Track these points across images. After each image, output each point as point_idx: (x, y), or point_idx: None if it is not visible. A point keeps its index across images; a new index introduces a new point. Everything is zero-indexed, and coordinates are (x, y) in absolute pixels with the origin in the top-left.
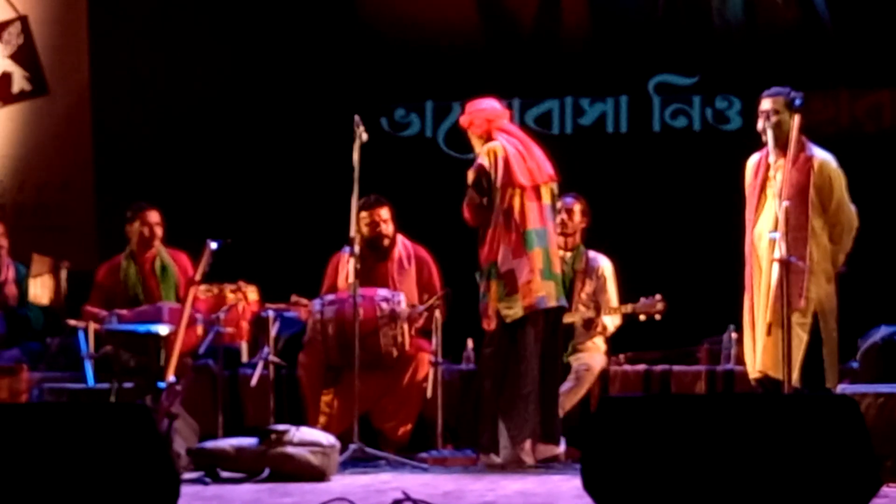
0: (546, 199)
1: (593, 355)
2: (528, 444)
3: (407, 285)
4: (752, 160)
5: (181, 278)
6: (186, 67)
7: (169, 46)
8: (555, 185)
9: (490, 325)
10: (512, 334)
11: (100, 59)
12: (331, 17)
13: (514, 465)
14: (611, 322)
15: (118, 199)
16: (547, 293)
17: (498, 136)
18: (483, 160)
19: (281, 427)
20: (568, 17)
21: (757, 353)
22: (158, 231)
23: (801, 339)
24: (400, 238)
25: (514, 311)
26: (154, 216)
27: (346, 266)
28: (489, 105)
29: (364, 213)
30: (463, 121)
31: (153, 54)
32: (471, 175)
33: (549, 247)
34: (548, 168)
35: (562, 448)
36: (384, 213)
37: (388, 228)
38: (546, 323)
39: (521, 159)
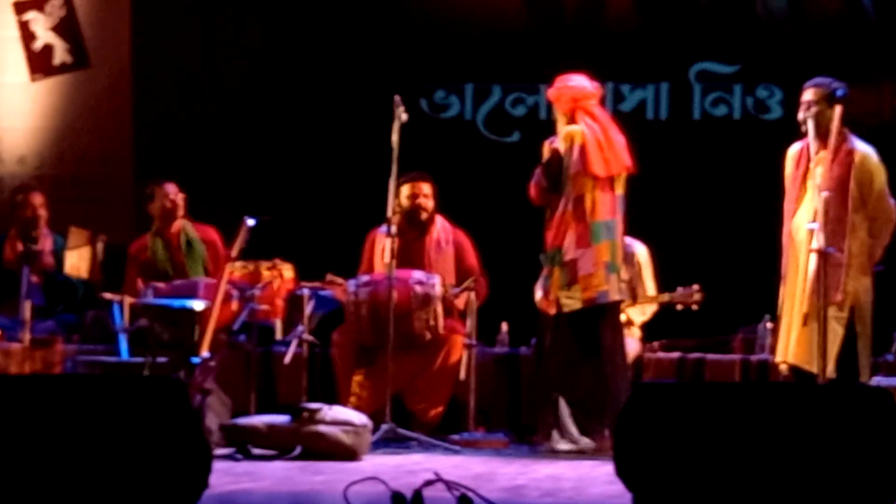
0: (619, 189)
1: (628, 342)
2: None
3: (442, 266)
4: (794, 150)
5: (208, 252)
6: (227, 43)
7: (210, 22)
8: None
9: (550, 309)
10: (569, 324)
11: (141, 33)
12: None
13: (583, 451)
14: (638, 315)
15: (156, 174)
16: (610, 287)
17: (581, 119)
18: (559, 144)
19: (313, 405)
20: (611, 2)
21: (790, 344)
22: (179, 201)
23: (836, 333)
24: (440, 219)
25: (573, 302)
26: (171, 188)
27: (383, 244)
28: (578, 83)
29: (406, 186)
30: (551, 94)
31: (194, 30)
32: (546, 154)
33: (616, 239)
34: (625, 157)
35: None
36: (426, 188)
37: (427, 203)
38: (611, 315)
39: (599, 148)
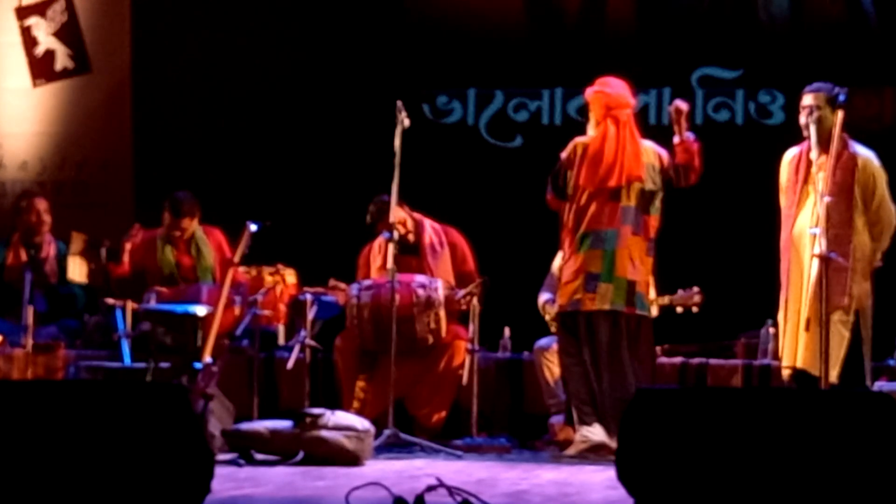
0: (626, 200)
1: None
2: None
3: (442, 269)
4: (789, 155)
5: (217, 255)
6: (228, 49)
7: (210, 27)
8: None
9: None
10: (560, 327)
11: (142, 39)
12: (375, 2)
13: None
14: None
15: (157, 179)
16: (600, 296)
17: (608, 127)
18: (565, 153)
19: (316, 410)
20: (613, 7)
21: (799, 349)
22: (186, 224)
23: (843, 336)
24: (427, 223)
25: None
26: (187, 222)
27: (379, 255)
28: (616, 91)
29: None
30: (589, 95)
31: (195, 35)
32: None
33: (617, 249)
34: (636, 169)
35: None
36: (394, 214)
37: (407, 226)
38: (607, 326)
39: (600, 158)
